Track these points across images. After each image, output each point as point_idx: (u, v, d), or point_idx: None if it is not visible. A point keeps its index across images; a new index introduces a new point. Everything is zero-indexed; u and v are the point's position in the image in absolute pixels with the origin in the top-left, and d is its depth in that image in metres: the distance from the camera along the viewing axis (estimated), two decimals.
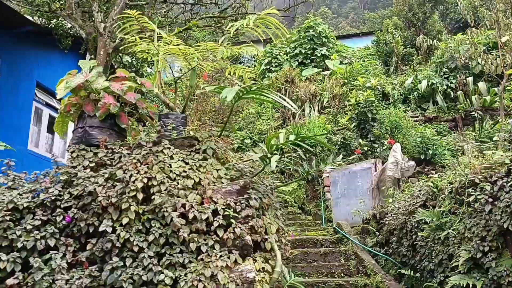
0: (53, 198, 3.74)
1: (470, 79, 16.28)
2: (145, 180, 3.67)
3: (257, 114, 18.13)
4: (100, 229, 3.55)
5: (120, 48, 6.87)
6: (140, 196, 3.64)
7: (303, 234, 9.62)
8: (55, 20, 9.55)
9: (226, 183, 3.79)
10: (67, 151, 4.14)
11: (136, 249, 3.47)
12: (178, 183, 3.71)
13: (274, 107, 17.36)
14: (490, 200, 5.19)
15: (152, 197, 3.65)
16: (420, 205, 6.86)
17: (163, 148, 3.95)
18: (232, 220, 3.63)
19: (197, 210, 3.59)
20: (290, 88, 17.71)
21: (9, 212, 3.56)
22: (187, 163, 3.92)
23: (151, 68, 18.10)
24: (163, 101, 4.60)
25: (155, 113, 4.48)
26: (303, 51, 21.43)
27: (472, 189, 5.64)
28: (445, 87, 16.61)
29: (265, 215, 3.83)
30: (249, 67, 26.90)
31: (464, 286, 5.13)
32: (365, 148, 12.98)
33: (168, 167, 3.77)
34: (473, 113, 14.22)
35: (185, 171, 3.81)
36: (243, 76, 5.19)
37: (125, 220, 3.54)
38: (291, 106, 3.80)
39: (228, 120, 4.57)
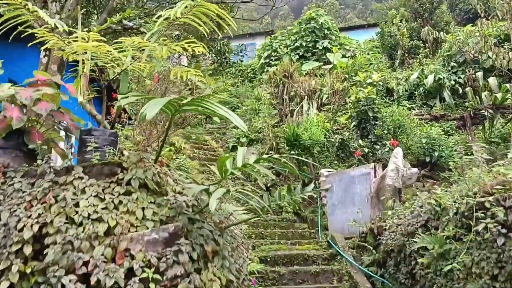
0: None
1: (479, 74, 15.21)
2: (37, 228, 2.78)
3: (254, 111, 17.24)
4: None
5: None
6: (29, 250, 2.74)
7: (294, 249, 8.75)
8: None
9: (151, 229, 2.88)
10: None
11: None
12: (84, 230, 2.81)
13: (271, 103, 16.44)
14: (504, 231, 4.28)
15: (45, 251, 2.76)
16: (421, 225, 5.97)
17: (73, 179, 3.04)
18: (152, 286, 2.71)
19: (104, 271, 2.66)
20: (289, 83, 16.74)
21: None
22: (102, 200, 3.01)
23: None
24: (89, 112, 3.72)
25: (77, 128, 3.58)
26: (304, 44, 20.46)
27: (481, 212, 4.73)
28: (452, 82, 15.59)
29: (208, 268, 2.94)
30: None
31: None
32: (366, 150, 12.04)
33: (73, 207, 2.88)
34: (483, 111, 13.19)
35: (96, 212, 2.89)
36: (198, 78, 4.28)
37: (4, 285, 2.66)
38: (239, 124, 2.90)
39: (165, 138, 3.68)
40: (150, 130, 5.46)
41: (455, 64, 16.00)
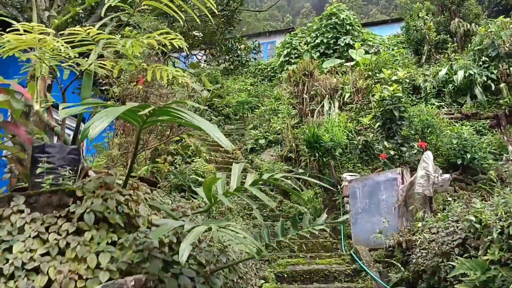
0: None
1: None
2: None
3: (273, 111, 16.53)
4: None
5: None
6: None
7: (314, 263, 8.01)
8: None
9: (102, 285, 2.20)
10: None
11: None
12: (15, 285, 2.14)
13: (290, 103, 15.70)
14: None
15: None
16: (457, 244, 5.19)
17: (11, 213, 2.40)
18: None
19: None
20: (309, 82, 15.96)
21: None
22: (44, 241, 2.35)
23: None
24: (46, 122, 3.08)
25: (32, 143, 2.93)
26: (325, 40, 19.63)
27: None
28: (484, 78, 14.54)
29: None
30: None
31: None
32: (391, 152, 11.20)
33: (4, 252, 2.23)
34: None
35: (34, 260, 2.22)
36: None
37: None
38: (219, 139, 2.23)
39: (135, 155, 3.01)
40: (128, 143, 4.82)
41: (487, 59, 14.95)
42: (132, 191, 2.71)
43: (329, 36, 19.56)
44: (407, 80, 13.09)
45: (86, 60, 2.83)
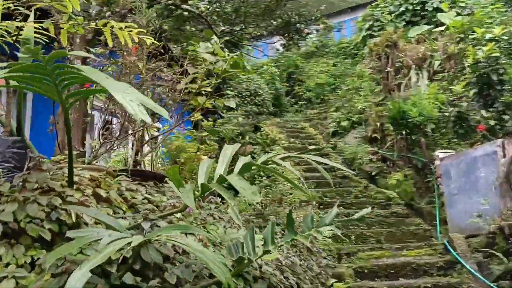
0: None
1: None
2: None
3: (355, 90, 15.40)
4: None
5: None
6: None
7: (400, 255, 7.00)
8: None
9: None
10: None
11: None
12: None
13: (373, 79, 14.48)
14: None
15: None
16: None
17: None
18: None
19: None
20: (393, 54, 14.56)
21: None
22: None
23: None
24: None
25: None
26: (410, 7, 17.96)
27: None
28: None
29: None
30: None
31: None
32: (491, 122, 9.66)
33: None
34: None
35: None
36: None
37: None
38: (128, 105, 1.51)
39: (70, 140, 2.31)
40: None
41: None
42: (78, 191, 2.11)
43: (415, 2, 17.85)
44: (506, 37, 11.28)
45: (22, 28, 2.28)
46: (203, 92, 4.63)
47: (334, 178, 11.19)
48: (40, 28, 2.63)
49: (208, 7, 15.90)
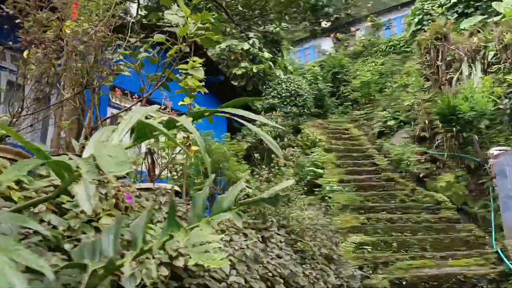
0: None
1: None
2: None
3: (403, 87, 14.47)
4: None
5: None
6: None
7: (444, 265, 6.18)
8: None
9: None
10: None
11: None
12: None
13: (422, 74, 13.51)
14: None
15: None
16: None
17: None
18: None
19: None
20: (443, 47, 13.53)
21: None
22: None
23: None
24: None
25: None
26: None
27: None
28: None
29: None
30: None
31: None
32: None
33: None
34: None
35: None
36: None
37: None
38: None
39: None
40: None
41: None
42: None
43: None
44: None
45: None
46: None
47: (378, 181, 10.42)
48: None
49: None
